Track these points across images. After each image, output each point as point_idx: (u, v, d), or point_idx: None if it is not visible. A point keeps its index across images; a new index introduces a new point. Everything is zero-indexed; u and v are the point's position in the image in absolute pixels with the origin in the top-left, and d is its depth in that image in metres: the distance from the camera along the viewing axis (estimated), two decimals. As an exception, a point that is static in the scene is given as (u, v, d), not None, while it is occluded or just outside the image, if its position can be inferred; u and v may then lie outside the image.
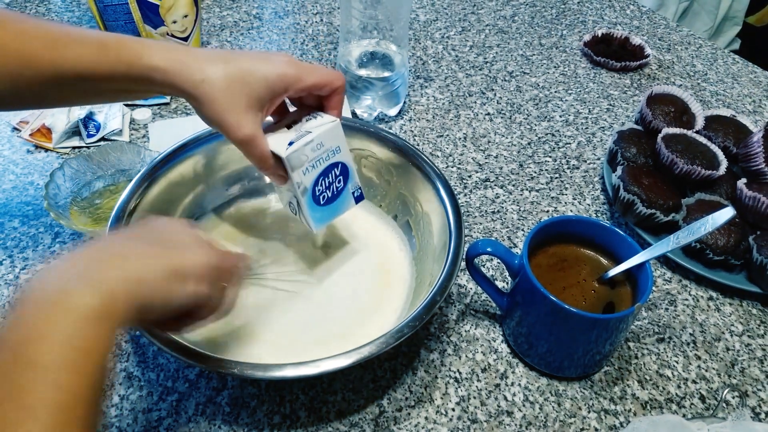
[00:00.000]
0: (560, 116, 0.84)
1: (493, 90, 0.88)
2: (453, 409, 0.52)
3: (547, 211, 0.71)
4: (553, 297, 0.48)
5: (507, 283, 0.62)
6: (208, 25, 0.96)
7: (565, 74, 0.92)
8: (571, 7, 1.09)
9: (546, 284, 0.49)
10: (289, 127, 0.51)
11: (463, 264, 0.54)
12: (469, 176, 0.74)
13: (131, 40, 0.47)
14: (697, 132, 0.73)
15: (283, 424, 0.50)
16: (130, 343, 0.55)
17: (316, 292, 0.57)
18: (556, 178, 0.75)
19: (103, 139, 0.74)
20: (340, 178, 0.53)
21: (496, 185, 0.73)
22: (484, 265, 0.64)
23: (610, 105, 0.87)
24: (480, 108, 0.84)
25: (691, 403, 0.54)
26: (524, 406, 0.52)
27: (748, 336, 0.59)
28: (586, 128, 0.83)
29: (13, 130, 0.75)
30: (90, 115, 0.74)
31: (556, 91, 0.89)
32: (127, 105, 0.79)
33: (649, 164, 0.70)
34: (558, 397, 0.53)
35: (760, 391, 0.55)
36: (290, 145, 0.49)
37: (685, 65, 0.97)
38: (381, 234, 0.62)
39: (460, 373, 0.54)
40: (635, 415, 0.52)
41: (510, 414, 0.52)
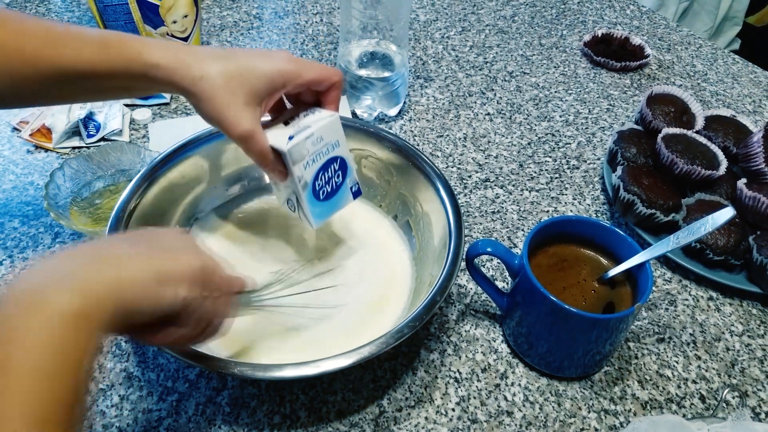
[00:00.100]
0: (560, 116, 0.84)
1: (493, 90, 0.88)
2: (453, 409, 0.52)
3: (547, 211, 0.71)
4: (553, 297, 0.48)
5: (507, 283, 0.62)
6: (208, 25, 0.96)
7: (565, 74, 0.92)
8: (571, 7, 1.09)
9: (546, 284, 0.49)
10: (287, 123, 0.51)
11: (463, 264, 0.54)
12: (469, 176, 0.74)
13: (131, 38, 0.47)
14: (697, 132, 0.73)
15: (283, 424, 0.50)
16: (130, 343, 0.55)
17: (316, 292, 0.57)
18: (556, 178, 0.75)
19: (103, 139, 0.74)
20: (339, 172, 0.53)
21: (496, 185, 0.73)
22: (484, 265, 0.64)
23: (610, 105, 0.87)
24: (480, 108, 0.84)
25: (691, 403, 0.54)
26: (524, 406, 0.52)
27: (748, 336, 0.59)
28: (586, 128, 0.83)
29: (13, 130, 0.75)
30: (90, 116, 0.74)
31: (556, 91, 0.89)
32: (127, 105, 0.79)
33: (649, 164, 0.70)
34: (558, 397, 0.53)
35: (760, 391, 0.55)
36: (290, 139, 0.48)
37: (685, 65, 0.97)
38: (381, 234, 0.62)
39: (460, 373, 0.54)
40: (635, 415, 0.52)
41: (510, 414, 0.52)
